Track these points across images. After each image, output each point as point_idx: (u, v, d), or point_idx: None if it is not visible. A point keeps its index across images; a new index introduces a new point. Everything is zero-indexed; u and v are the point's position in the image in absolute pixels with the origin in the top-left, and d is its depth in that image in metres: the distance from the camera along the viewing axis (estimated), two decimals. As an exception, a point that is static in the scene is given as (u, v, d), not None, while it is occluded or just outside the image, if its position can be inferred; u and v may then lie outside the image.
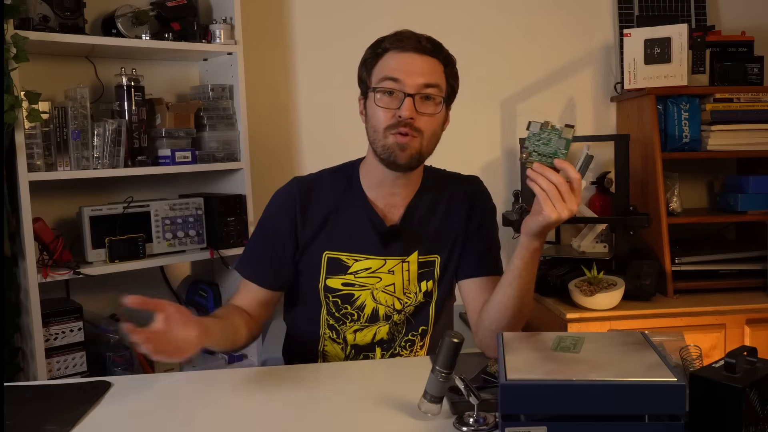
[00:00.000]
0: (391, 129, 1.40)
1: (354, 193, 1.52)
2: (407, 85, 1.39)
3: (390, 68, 1.41)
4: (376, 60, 1.44)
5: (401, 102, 1.39)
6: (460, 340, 1.12)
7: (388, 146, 1.41)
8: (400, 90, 1.39)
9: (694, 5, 2.84)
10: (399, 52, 1.42)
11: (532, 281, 1.40)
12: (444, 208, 1.54)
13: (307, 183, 1.54)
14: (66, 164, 2.08)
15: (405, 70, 1.40)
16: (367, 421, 1.17)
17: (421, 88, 1.40)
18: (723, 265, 2.48)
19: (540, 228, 1.30)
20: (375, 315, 1.51)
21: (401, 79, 1.39)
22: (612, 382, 0.95)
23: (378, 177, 1.50)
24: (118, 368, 2.14)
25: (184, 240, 2.30)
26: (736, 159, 2.77)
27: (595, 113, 2.86)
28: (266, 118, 2.64)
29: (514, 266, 1.38)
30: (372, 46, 1.47)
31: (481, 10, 2.79)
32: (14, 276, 2.03)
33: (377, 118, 1.41)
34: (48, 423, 1.17)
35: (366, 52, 1.48)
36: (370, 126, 1.44)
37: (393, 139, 1.40)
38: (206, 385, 1.42)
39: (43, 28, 2.02)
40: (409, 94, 1.39)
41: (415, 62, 1.41)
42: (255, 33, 2.56)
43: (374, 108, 1.42)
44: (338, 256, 1.50)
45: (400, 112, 1.39)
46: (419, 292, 1.53)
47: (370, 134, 1.45)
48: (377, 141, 1.43)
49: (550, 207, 1.24)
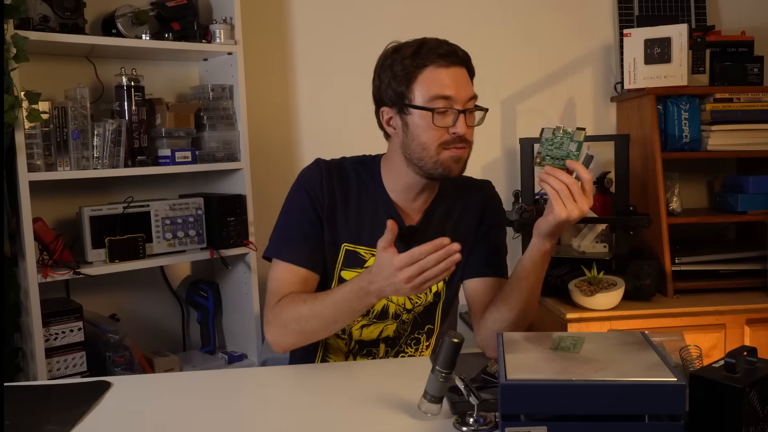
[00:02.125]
0: (445, 145, 1.39)
1: (377, 189, 1.52)
2: (458, 102, 1.38)
3: (440, 86, 1.38)
4: (414, 73, 1.39)
5: (455, 119, 1.38)
6: (460, 340, 1.12)
7: (443, 161, 1.40)
8: (450, 107, 1.38)
9: (694, 5, 2.84)
10: (444, 67, 1.39)
11: (539, 283, 1.41)
12: (458, 211, 1.55)
13: (333, 165, 1.53)
14: (66, 164, 2.08)
15: (454, 87, 1.38)
16: (367, 421, 1.17)
17: (468, 102, 1.41)
18: (723, 265, 2.48)
19: (551, 228, 1.31)
20: (385, 312, 1.51)
21: (453, 96, 1.38)
22: (612, 382, 0.95)
23: (405, 182, 1.49)
24: (118, 368, 2.14)
25: (184, 240, 2.30)
26: (736, 159, 2.77)
27: (595, 113, 2.86)
28: (266, 118, 2.64)
29: (522, 267, 1.39)
30: (400, 53, 1.42)
31: (481, 11, 2.79)
32: (14, 276, 2.03)
33: (430, 137, 1.39)
34: (48, 423, 1.16)
35: (395, 63, 1.42)
36: (417, 144, 1.41)
37: (448, 154, 1.40)
38: (206, 385, 1.42)
39: (43, 28, 2.02)
40: (461, 111, 1.39)
41: (459, 77, 1.40)
42: (255, 33, 2.56)
43: (426, 127, 1.39)
44: (356, 249, 1.49)
45: (456, 129, 1.38)
46: (430, 292, 1.53)
47: (416, 151, 1.41)
48: (426, 158, 1.41)
49: (560, 206, 1.27)
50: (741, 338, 2.27)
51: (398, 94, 1.42)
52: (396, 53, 1.43)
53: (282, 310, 1.40)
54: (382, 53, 1.47)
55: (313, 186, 1.49)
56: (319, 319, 1.36)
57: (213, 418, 1.20)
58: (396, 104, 1.43)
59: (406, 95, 1.41)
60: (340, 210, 1.49)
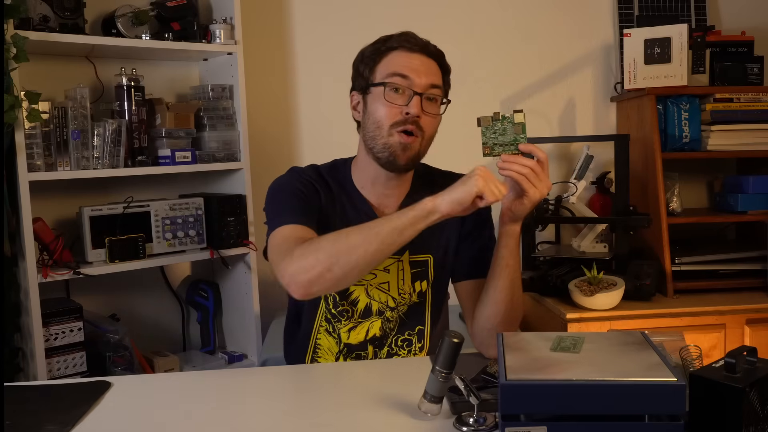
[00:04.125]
0: (396, 126, 1.40)
1: (349, 190, 1.52)
2: (416, 83, 1.40)
3: (400, 65, 1.41)
4: (380, 56, 1.44)
5: (409, 99, 1.39)
6: (460, 340, 1.12)
7: (390, 145, 1.41)
8: (408, 87, 1.40)
9: (694, 5, 2.84)
10: (408, 51, 1.43)
11: (518, 268, 1.44)
12: None
13: (311, 169, 1.53)
14: (66, 164, 2.08)
15: (414, 69, 1.41)
16: (367, 421, 1.17)
17: (428, 88, 1.41)
18: (723, 265, 2.48)
19: (527, 211, 1.37)
20: (368, 310, 1.51)
21: (411, 76, 1.40)
22: (612, 382, 0.95)
23: (370, 175, 1.49)
24: (118, 368, 2.14)
25: (184, 240, 2.30)
26: (736, 159, 2.77)
27: (595, 113, 2.86)
28: (266, 118, 2.64)
29: (500, 256, 1.40)
30: (375, 42, 1.47)
31: (481, 11, 2.79)
32: (14, 276, 2.03)
33: (381, 113, 1.41)
34: (48, 423, 1.16)
35: (366, 48, 1.48)
36: (371, 121, 1.43)
37: (397, 138, 1.40)
38: (206, 385, 1.42)
39: (43, 28, 2.02)
40: (418, 93, 1.40)
41: (423, 63, 1.43)
42: (255, 33, 2.56)
43: (379, 103, 1.41)
44: None
45: (408, 109, 1.39)
46: (413, 292, 1.53)
47: (370, 130, 1.43)
48: (378, 138, 1.42)
49: (532, 189, 1.32)
50: (741, 338, 2.27)
51: (361, 75, 1.46)
52: (374, 43, 1.47)
53: (317, 240, 1.29)
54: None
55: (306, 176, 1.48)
56: (362, 236, 1.25)
57: (213, 418, 1.20)
58: (361, 86, 1.47)
59: (368, 77, 1.44)
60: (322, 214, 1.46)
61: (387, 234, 1.25)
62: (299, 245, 1.29)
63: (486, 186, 1.26)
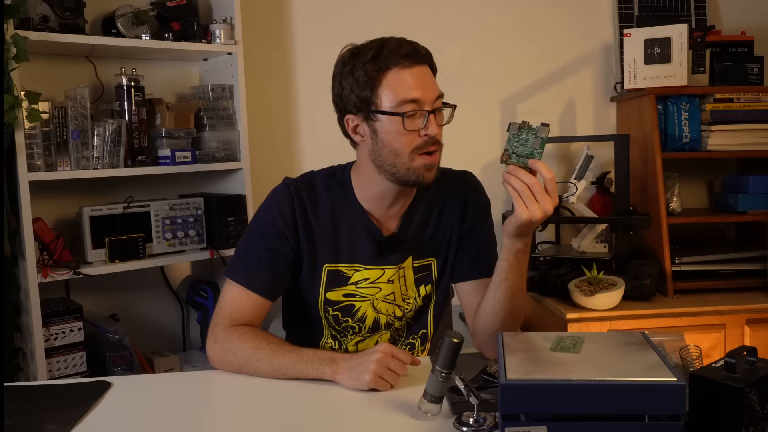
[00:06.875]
0: (418, 150, 1.36)
1: (349, 202, 1.48)
2: (426, 102, 1.35)
3: (406, 89, 1.34)
4: (377, 78, 1.35)
5: (425, 121, 1.35)
6: (460, 340, 1.12)
7: (415, 168, 1.37)
8: (420, 109, 1.35)
9: (694, 5, 2.84)
10: (407, 67, 1.35)
11: (521, 283, 1.38)
12: (438, 210, 1.52)
13: (303, 186, 1.48)
14: (66, 164, 2.08)
15: (419, 87, 1.35)
16: (367, 421, 1.17)
17: (436, 102, 1.38)
18: (723, 265, 2.48)
19: (515, 229, 1.28)
20: (376, 325, 1.50)
21: (421, 98, 1.35)
22: (612, 382, 0.95)
23: (378, 191, 1.45)
24: (118, 368, 2.14)
25: (184, 240, 2.30)
26: (736, 159, 2.77)
27: (595, 113, 2.86)
28: (266, 118, 2.64)
29: (500, 269, 1.36)
30: (364, 60, 1.36)
31: (481, 10, 2.79)
32: (14, 276, 2.03)
33: (401, 143, 1.36)
34: (48, 423, 1.16)
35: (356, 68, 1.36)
36: (388, 151, 1.37)
37: (421, 160, 1.37)
38: (206, 385, 1.42)
39: (43, 28, 2.02)
40: (430, 111, 1.36)
41: (423, 75, 1.37)
42: (255, 33, 2.56)
43: (395, 133, 1.35)
44: (338, 267, 1.47)
45: (427, 131, 1.35)
46: (418, 296, 1.52)
47: (388, 158, 1.38)
48: (399, 165, 1.37)
49: (522, 207, 1.23)
50: (741, 338, 2.27)
51: (363, 100, 1.37)
52: (355, 57, 1.37)
53: (239, 339, 1.38)
54: (338, 58, 1.41)
55: (283, 213, 1.45)
56: (271, 369, 1.35)
57: (213, 418, 1.20)
58: (362, 111, 1.38)
59: (371, 101, 1.36)
60: (317, 231, 1.46)
61: (291, 374, 1.34)
62: (228, 331, 1.40)
63: (377, 381, 1.24)
